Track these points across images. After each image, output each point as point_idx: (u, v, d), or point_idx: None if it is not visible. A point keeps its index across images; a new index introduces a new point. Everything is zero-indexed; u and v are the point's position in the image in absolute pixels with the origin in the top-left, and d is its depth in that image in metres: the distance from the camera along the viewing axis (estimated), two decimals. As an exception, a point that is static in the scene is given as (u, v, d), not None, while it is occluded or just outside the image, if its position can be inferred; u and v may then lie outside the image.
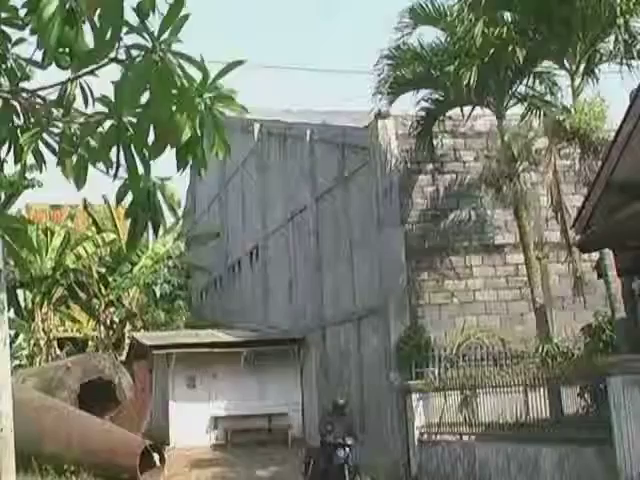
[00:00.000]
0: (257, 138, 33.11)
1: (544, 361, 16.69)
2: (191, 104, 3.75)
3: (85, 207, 38.41)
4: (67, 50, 3.85)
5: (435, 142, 21.86)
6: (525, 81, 19.77)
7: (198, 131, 3.83)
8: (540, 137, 19.24)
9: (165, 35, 3.69)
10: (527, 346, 19.17)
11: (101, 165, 4.18)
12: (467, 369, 19.36)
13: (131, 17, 3.77)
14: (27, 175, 24.91)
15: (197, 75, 3.82)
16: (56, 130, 4.44)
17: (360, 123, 23.10)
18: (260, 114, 30.85)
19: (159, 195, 4.16)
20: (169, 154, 4.01)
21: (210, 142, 3.89)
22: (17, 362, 36.42)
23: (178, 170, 4.03)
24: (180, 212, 43.35)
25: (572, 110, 17.42)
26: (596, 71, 18.67)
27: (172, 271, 39.20)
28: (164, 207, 4.20)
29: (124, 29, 3.72)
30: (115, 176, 4.10)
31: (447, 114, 21.28)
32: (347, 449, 17.56)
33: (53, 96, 4.40)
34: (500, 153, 19.62)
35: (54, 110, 4.42)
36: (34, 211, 41.32)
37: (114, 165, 4.08)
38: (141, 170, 4.04)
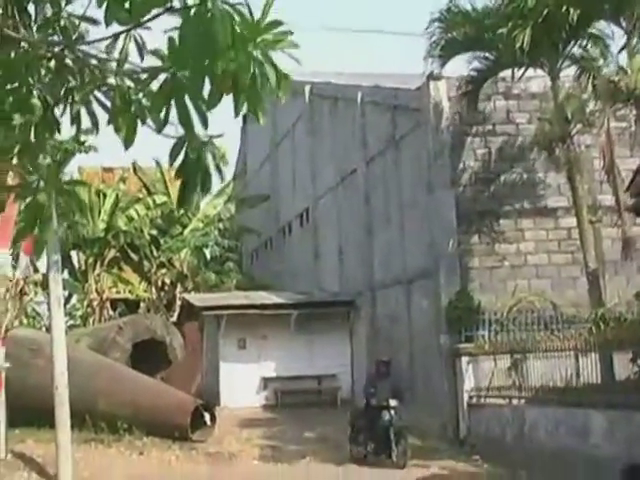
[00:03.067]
0: (308, 100, 33.02)
1: (596, 326, 16.53)
2: (247, 50, 3.69)
3: (135, 170, 38.66)
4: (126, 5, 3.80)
5: (488, 104, 21.62)
6: (579, 42, 19.40)
7: (254, 75, 3.77)
8: (594, 99, 18.91)
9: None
10: (579, 310, 19.00)
11: (150, 122, 4.14)
12: (517, 333, 19.28)
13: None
14: (81, 139, 25.06)
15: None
16: (108, 87, 4.41)
17: (411, 85, 22.89)
18: (311, 77, 30.70)
19: (209, 156, 4.12)
20: (222, 106, 3.96)
21: (268, 86, 3.82)
22: (71, 322, 37.04)
23: (236, 115, 3.95)
24: (231, 174, 43.54)
25: (628, 70, 17.08)
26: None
27: (223, 233, 39.37)
28: (212, 167, 4.15)
29: None
30: (160, 131, 4.05)
31: (500, 75, 21.02)
32: (392, 411, 17.51)
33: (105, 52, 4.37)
34: (554, 115, 19.33)
35: (107, 64, 4.39)
36: (86, 174, 41.60)
37: (162, 122, 4.03)
38: (197, 124, 3.97)
